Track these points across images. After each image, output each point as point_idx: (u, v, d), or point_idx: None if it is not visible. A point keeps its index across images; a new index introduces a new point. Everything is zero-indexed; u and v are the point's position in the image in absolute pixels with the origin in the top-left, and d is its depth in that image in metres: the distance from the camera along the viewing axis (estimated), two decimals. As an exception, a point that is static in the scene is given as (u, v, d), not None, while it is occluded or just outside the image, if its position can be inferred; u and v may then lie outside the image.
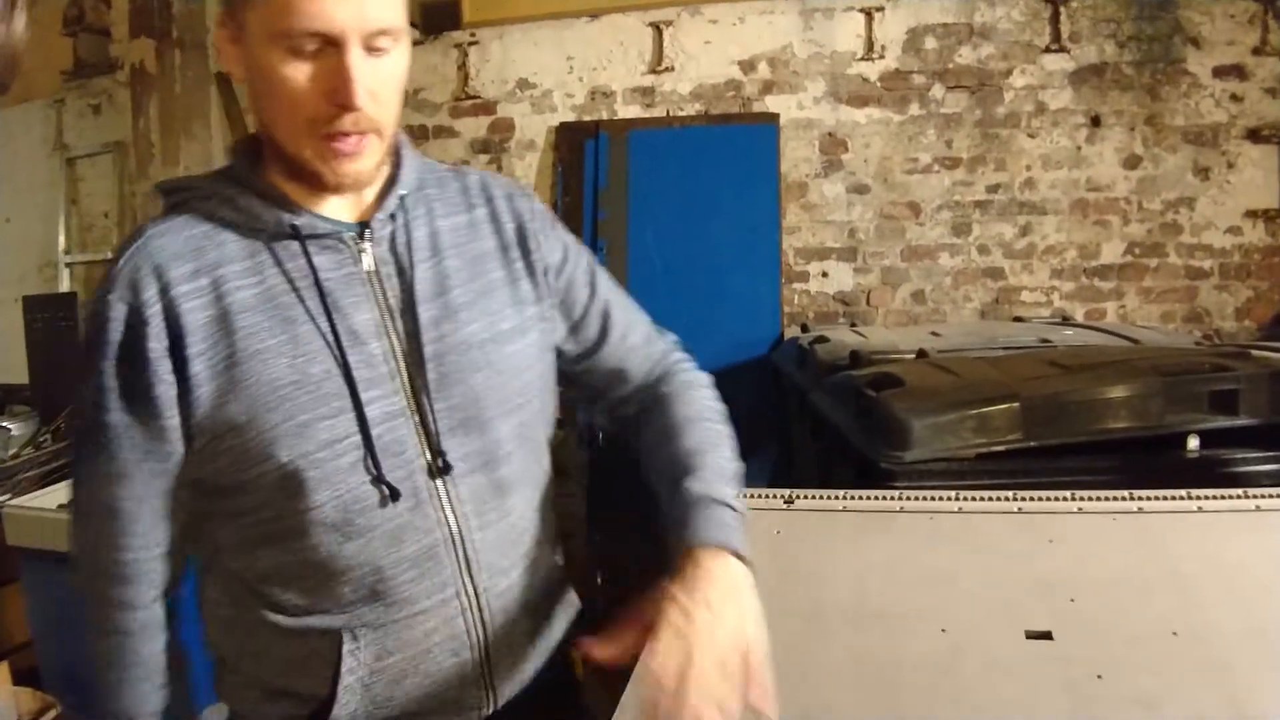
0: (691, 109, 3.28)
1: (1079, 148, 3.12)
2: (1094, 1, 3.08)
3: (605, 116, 3.32)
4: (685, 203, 3.18)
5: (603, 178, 3.22)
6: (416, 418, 1.00)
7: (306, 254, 0.98)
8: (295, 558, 0.98)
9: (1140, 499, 1.34)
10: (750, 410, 2.98)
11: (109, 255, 3.44)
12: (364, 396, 0.96)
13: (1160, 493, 1.35)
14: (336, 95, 0.91)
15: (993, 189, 3.17)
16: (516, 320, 1.07)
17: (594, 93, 3.33)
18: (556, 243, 1.14)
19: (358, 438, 0.96)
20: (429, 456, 1.00)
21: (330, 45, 0.90)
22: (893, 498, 1.42)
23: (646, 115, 3.29)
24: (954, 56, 3.17)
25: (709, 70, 3.27)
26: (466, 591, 1.02)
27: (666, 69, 3.29)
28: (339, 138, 0.93)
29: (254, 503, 0.98)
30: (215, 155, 3.35)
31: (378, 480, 0.97)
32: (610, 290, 1.19)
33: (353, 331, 0.98)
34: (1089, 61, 3.09)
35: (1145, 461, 1.73)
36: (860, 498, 1.43)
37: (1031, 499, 1.37)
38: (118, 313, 0.95)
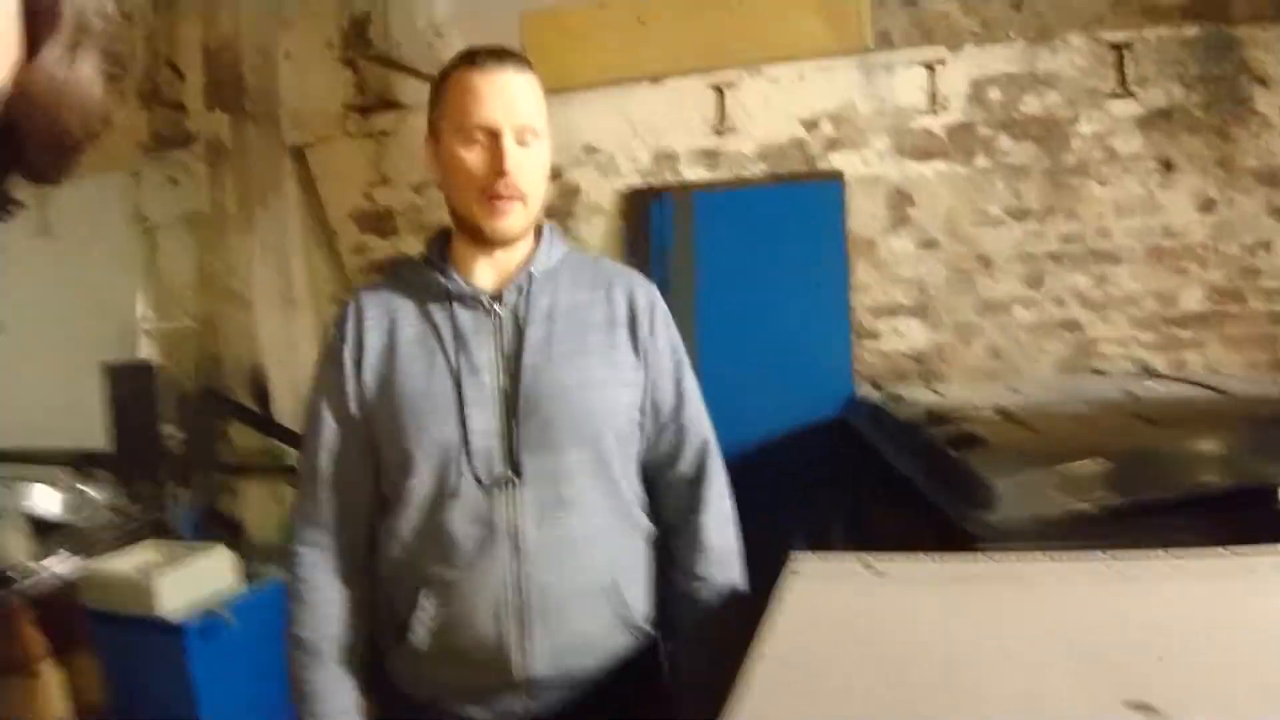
0: (755, 169, 3.29)
1: (1151, 193, 3.05)
2: (1157, 45, 3.03)
3: (669, 179, 3.34)
4: (752, 262, 3.17)
5: (668, 239, 3.23)
6: (504, 435, 1.36)
7: (453, 309, 1.41)
8: (407, 520, 1.37)
9: (1236, 554, 1.27)
10: (821, 469, 2.92)
11: (188, 322, 3.56)
12: (468, 412, 1.36)
13: (1256, 548, 1.28)
14: (495, 164, 1.35)
15: (1065, 239, 3.11)
16: (605, 376, 1.42)
17: (658, 156, 3.36)
18: (664, 336, 1.51)
19: (457, 441, 1.35)
20: (507, 465, 1.36)
21: (493, 136, 1.36)
22: (977, 559, 1.38)
23: (710, 177, 3.31)
24: (1019, 106, 3.13)
25: (772, 129, 3.28)
26: (512, 573, 1.34)
27: (729, 130, 3.31)
28: (496, 198, 1.36)
29: (385, 478, 1.41)
30: (289, 224, 3.44)
31: (465, 475, 1.35)
32: (689, 389, 1.54)
33: (473, 366, 1.38)
34: (1156, 105, 3.04)
35: (1238, 516, 1.65)
36: (943, 560, 1.38)
37: (1121, 558, 1.31)
38: (332, 336, 1.45)
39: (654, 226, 3.27)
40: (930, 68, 3.20)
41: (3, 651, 2.71)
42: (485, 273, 1.43)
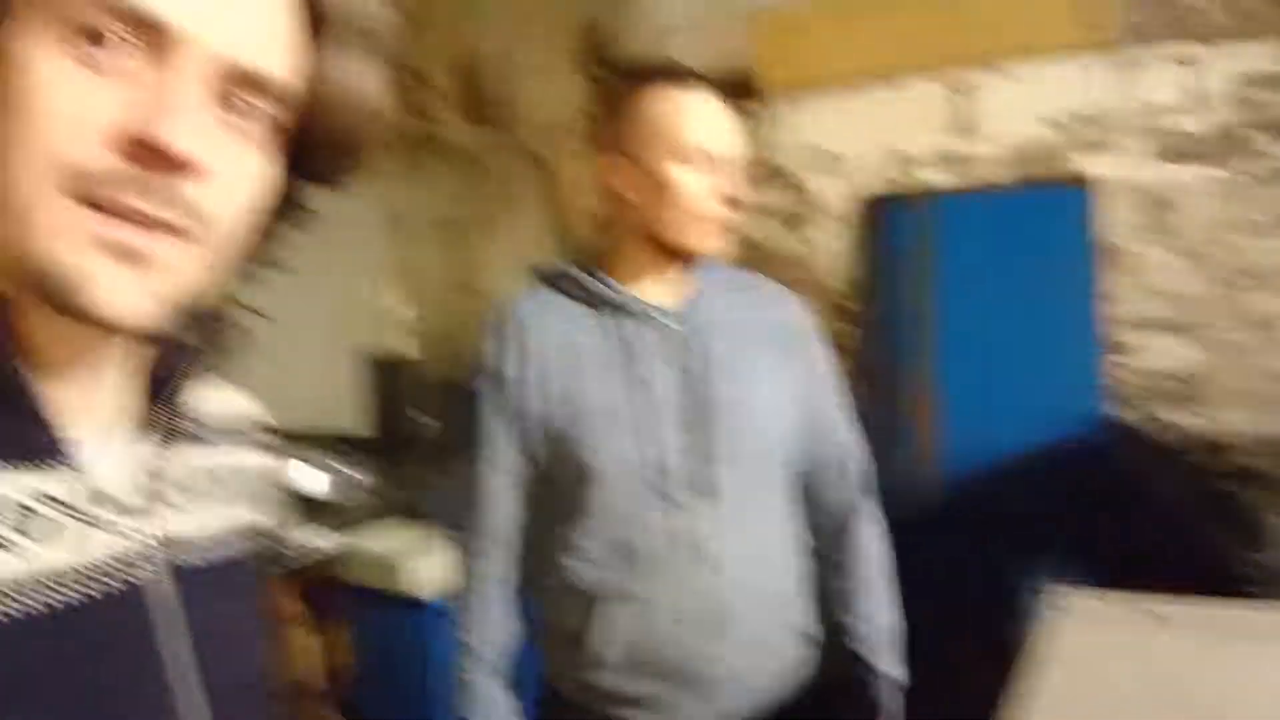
0: (997, 172, 3.18)
1: None
2: None
3: (906, 183, 3.28)
4: (993, 271, 3.05)
5: (907, 246, 3.17)
6: (688, 450, 1.37)
7: (623, 322, 1.41)
8: (590, 532, 1.37)
9: None
10: (1064, 491, 2.79)
11: (440, 319, 3.78)
12: (650, 426, 1.36)
13: None
14: (719, 189, 1.37)
15: (1347, 251, 2.86)
16: (777, 393, 1.44)
17: (893, 159, 3.29)
18: (823, 356, 1.54)
19: (641, 455, 1.35)
20: (691, 479, 1.36)
21: (711, 160, 1.38)
22: (1257, 606, 1.31)
23: (950, 181, 3.23)
24: (1288, 106, 2.90)
25: (1015, 131, 3.16)
26: (698, 585, 1.34)
27: (969, 131, 3.22)
28: (716, 221, 1.39)
29: (559, 490, 1.41)
30: (534, 231, 3.60)
31: (648, 489, 1.35)
32: (846, 410, 1.57)
33: (651, 379, 1.38)
34: None
35: None
36: (1232, 607, 1.32)
37: None
38: (493, 348, 1.44)
39: (890, 233, 3.20)
40: (1186, 64, 3.00)
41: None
42: (651, 287, 1.45)
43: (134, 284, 0.53)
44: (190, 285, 0.57)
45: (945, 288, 3.10)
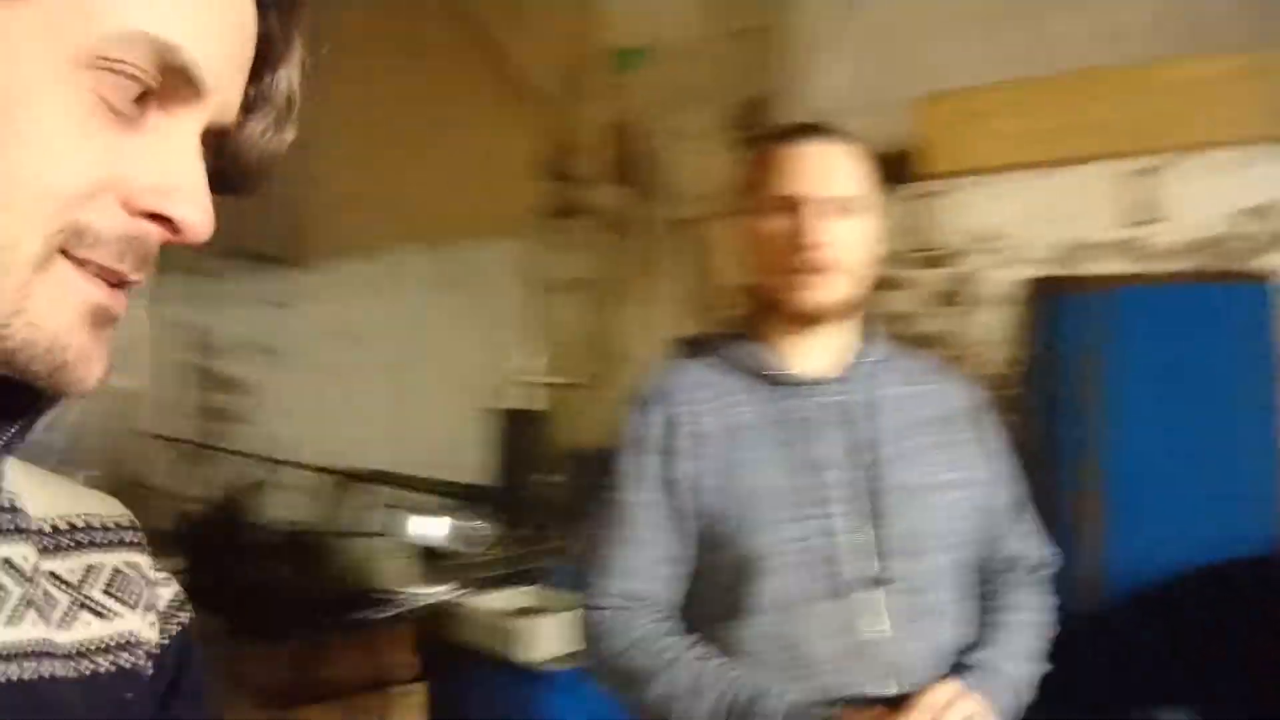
0: (1174, 264, 3.00)
1: None
2: None
3: (1075, 271, 3.12)
4: (1166, 367, 2.84)
5: (1076, 334, 2.99)
6: (863, 537, 1.24)
7: (782, 395, 1.30)
8: (749, 629, 1.24)
9: None
10: (1239, 613, 2.54)
11: (577, 381, 3.76)
12: (812, 512, 1.24)
13: None
14: (800, 235, 1.27)
15: None
16: (954, 476, 1.32)
17: (1062, 246, 3.15)
18: (995, 439, 1.42)
19: (803, 542, 1.23)
20: (867, 570, 1.23)
21: (797, 208, 1.28)
22: None
23: (1123, 270, 3.06)
24: None
25: (1195, 223, 2.96)
26: (873, 684, 1.20)
27: (1144, 220, 3.05)
28: (801, 271, 1.27)
29: (715, 583, 1.28)
30: (673, 298, 3.57)
31: (822, 580, 1.23)
32: (1022, 498, 1.43)
33: (811, 461, 1.26)
34: None
35: None
36: None
37: None
38: (657, 417, 1.31)
39: (1057, 319, 3.03)
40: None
41: (372, 668, 2.91)
42: (807, 358, 1.34)
43: (101, 349, 0.48)
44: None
45: (1115, 381, 2.89)
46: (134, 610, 0.61)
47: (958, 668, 1.26)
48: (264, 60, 0.55)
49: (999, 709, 1.23)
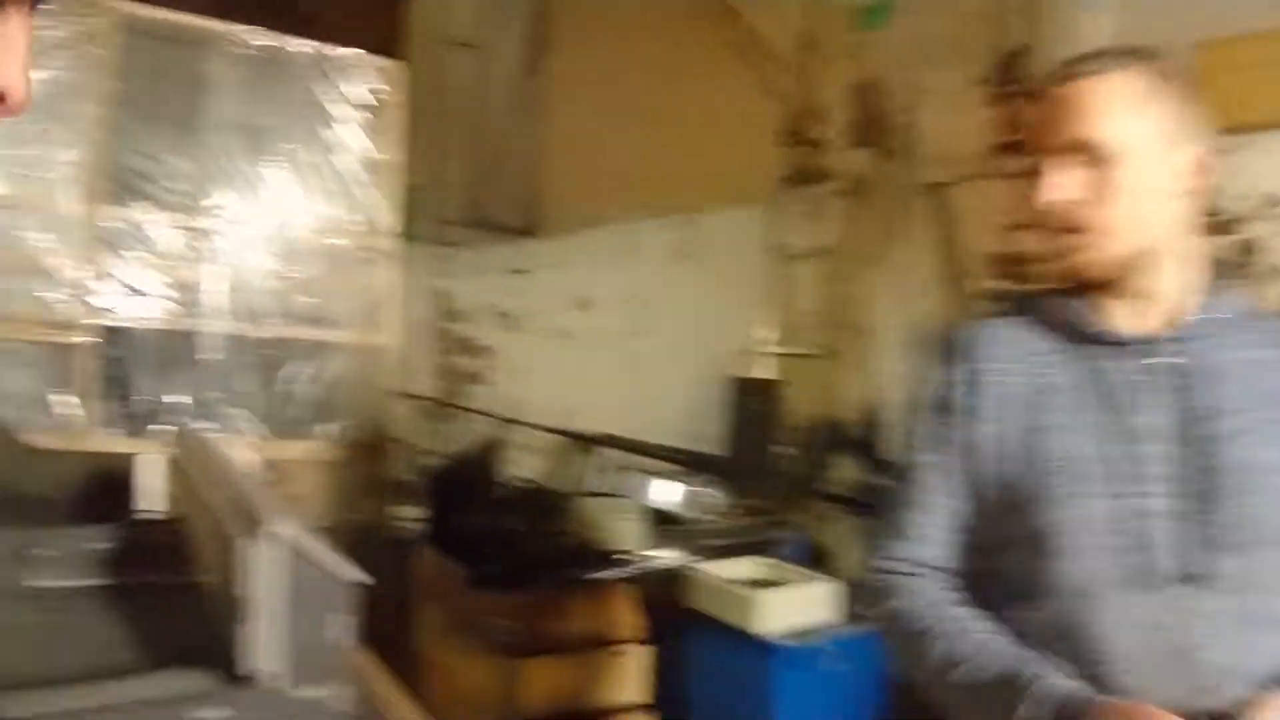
0: None
1: None
2: None
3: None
4: None
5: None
6: (1178, 522, 1.07)
7: (1104, 356, 1.14)
8: (1040, 615, 1.11)
9: None
10: None
11: (810, 350, 3.66)
12: (1124, 489, 1.08)
13: None
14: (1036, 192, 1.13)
15: None
16: None
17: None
18: None
19: (1111, 523, 1.08)
20: (1184, 561, 1.06)
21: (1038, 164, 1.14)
22: None
23: None
24: None
25: None
26: (1179, 695, 1.02)
27: None
28: (1040, 231, 1.15)
29: (1006, 560, 1.15)
30: (920, 262, 3.38)
31: (1128, 568, 1.07)
32: None
33: (1130, 430, 1.10)
34: None
35: None
36: None
37: None
38: (959, 375, 1.20)
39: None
40: None
41: (601, 626, 2.93)
42: (1126, 319, 1.15)
43: None
44: None
45: None
46: None
47: None
48: None
49: None
